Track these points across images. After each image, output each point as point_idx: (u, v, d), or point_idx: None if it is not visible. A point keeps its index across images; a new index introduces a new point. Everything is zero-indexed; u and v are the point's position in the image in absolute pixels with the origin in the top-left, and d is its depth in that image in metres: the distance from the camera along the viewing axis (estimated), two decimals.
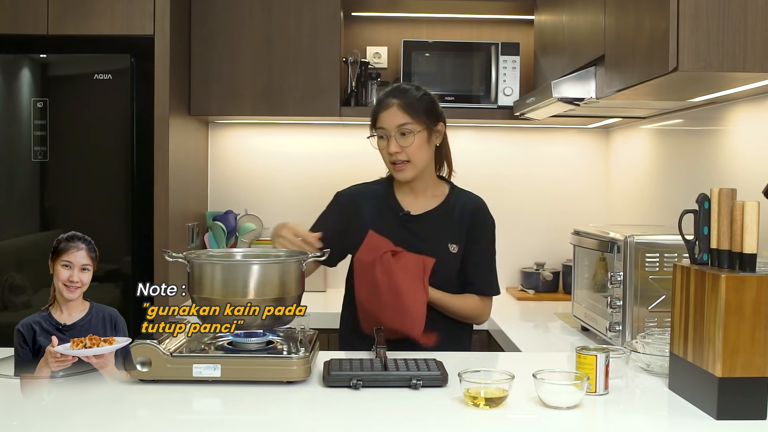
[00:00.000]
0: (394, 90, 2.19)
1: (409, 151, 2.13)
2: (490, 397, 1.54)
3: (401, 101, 2.14)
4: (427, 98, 2.19)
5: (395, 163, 2.14)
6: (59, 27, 2.86)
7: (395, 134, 2.12)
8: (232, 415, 1.55)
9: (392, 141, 2.13)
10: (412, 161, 2.14)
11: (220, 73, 3.21)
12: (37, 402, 1.62)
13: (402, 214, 2.20)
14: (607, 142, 3.62)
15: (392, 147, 2.13)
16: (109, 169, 2.92)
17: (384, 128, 2.14)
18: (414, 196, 2.23)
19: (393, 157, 2.14)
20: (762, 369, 1.50)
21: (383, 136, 2.15)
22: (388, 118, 2.13)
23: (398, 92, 2.17)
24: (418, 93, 2.18)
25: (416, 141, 2.13)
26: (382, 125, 2.15)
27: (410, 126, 2.12)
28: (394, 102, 2.14)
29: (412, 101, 2.14)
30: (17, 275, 2.89)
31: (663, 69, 1.81)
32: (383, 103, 2.16)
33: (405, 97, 2.15)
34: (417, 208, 2.21)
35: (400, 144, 2.12)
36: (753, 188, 1.94)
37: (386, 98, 2.16)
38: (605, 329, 2.28)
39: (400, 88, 2.20)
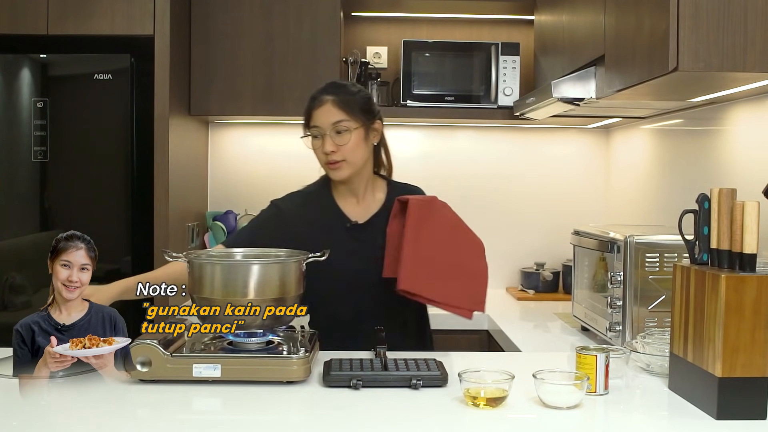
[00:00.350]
0: (328, 86, 2.11)
1: (345, 149, 2.05)
2: (490, 397, 1.54)
3: (336, 98, 2.06)
4: (364, 95, 2.12)
5: (330, 162, 2.07)
6: (59, 27, 2.86)
7: (330, 132, 2.05)
8: (232, 415, 1.56)
9: (327, 140, 2.05)
10: (348, 160, 2.06)
11: (220, 73, 3.20)
12: (37, 402, 1.62)
13: (349, 225, 2.12)
14: (607, 142, 3.62)
15: (327, 146, 2.05)
16: (109, 169, 2.92)
17: (318, 126, 2.06)
18: (355, 200, 2.16)
19: (328, 157, 2.06)
20: (762, 369, 1.50)
21: (317, 135, 2.07)
22: (323, 115, 2.05)
23: (333, 88, 2.09)
24: (354, 89, 2.12)
25: (353, 139, 2.05)
26: (316, 123, 2.07)
27: (346, 123, 2.05)
28: (329, 99, 2.06)
29: (347, 98, 2.07)
30: (17, 275, 2.89)
31: (663, 69, 1.81)
32: (317, 100, 2.07)
33: (340, 93, 2.07)
34: (362, 215, 2.14)
35: (336, 143, 2.05)
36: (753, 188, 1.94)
37: (320, 95, 2.08)
38: (605, 329, 2.28)
39: (335, 83, 2.13)
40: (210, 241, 3.41)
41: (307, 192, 2.23)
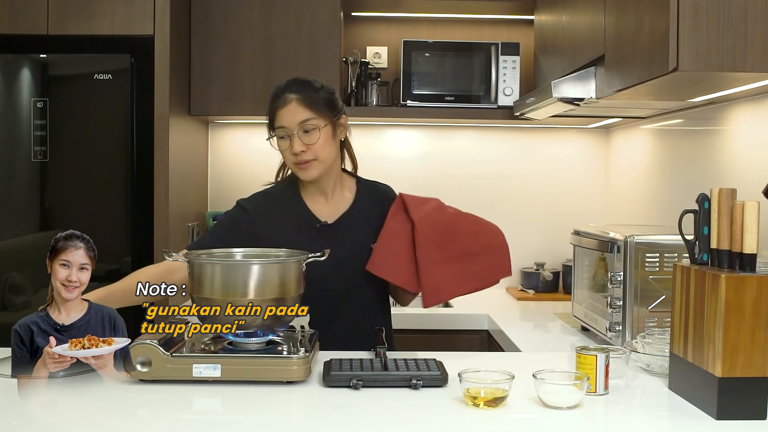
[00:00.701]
0: (290, 84, 2.04)
1: (314, 148, 2.00)
2: (490, 397, 1.54)
3: (300, 96, 2.00)
4: (328, 90, 2.07)
5: (300, 163, 2.02)
6: (59, 27, 2.86)
7: (298, 132, 1.99)
8: (232, 415, 1.56)
9: (295, 139, 1.99)
10: (318, 159, 2.01)
11: (220, 73, 3.20)
12: (37, 402, 1.62)
13: (319, 226, 2.08)
14: (607, 142, 3.62)
15: (296, 146, 1.99)
16: (109, 168, 2.92)
17: (285, 127, 2.00)
18: (324, 199, 2.12)
19: (298, 157, 2.00)
20: (762, 369, 1.50)
21: (284, 136, 2.02)
22: (288, 115, 2.00)
23: (295, 86, 2.03)
24: (317, 85, 2.05)
25: (321, 137, 2.00)
26: (282, 124, 2.01)
27: (313, 122, 2.00)
28: (293, 97, 2.00)
29: (312, 95, 2.01)
30: (17, 275, 2.89)
31: (663, 69, 1.81)
32: (281, 99, 2.01)
33: (303, 90, 2.01)
34: (331, 214, 2.11)
35: (305, 142, 1.99)
36: (753, 188, 1.94)
37: (283, 93, 2.02)
38: (605, 329, 2.28)
39: (297, 80, 2.05)
40: None
41: (273, 192, 2.17)
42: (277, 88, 2.07)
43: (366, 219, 2.11)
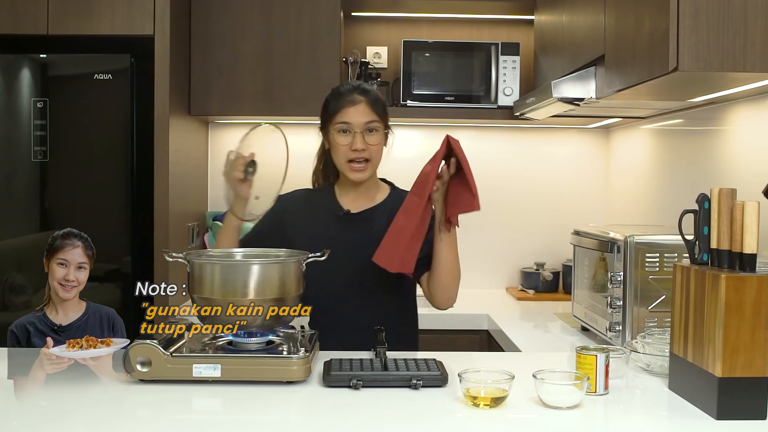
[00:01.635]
0: (358, 87, 2.14)
1: (372, 150, 2.10)
2: (490, 397, 1.54)
3: (368, 99, 2.10)
4: (384, 101, 2.18)
5: (355, 161, 2.09)
6: (59, 27, 2.86)
7: (362, 131, 2.08)
8: (232, 415, 1.55)
9: (358, 137, 2.08)
10: (372, 160, 2.11)
11: (220, 73, 3.21)
12: (36, 402, 1.62)
13: (342, 214, 2.16)
14: (607, 142, 3.62)
15: (359, 144, 2.07)
16: (109, 169, 2.92)
17: (350, 123, 2.08)
18: (355, 195, 2.19)
19: (356, 154, 2.08)
20: (762, 369, 1.50)
21: (346, 131, 2.09)
22: (357, 114, 2.08)
23: (363, 90, 2.13)
24: (379, 94, 2.17)
25: (380, 140, 2.11)
26: (347, 120, 2.09)
27: (376, 124, 2.10)
28: (362, 99, 2.10)
29: (378, 101, 2.13)
30: (17, 275, 2.89)
31: (663, 69, 1.81)
32: (349, 99, 2.10)
33: (371, 95, 2.12)
34: (357, 208, 2.18)
35: (367, 141, 2.08)
36: (753, 188, 1.94)
37: (351, 94, 2.11)
38: (605, 329, 2.28)
39: (362, 87, 2.15)
40: (210, 241, 3.41)
41: (311, 189, 2.28)
42: (342, 89, 2.15)
43: (388, 219, 2.12)
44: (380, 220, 2.12)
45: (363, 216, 2.16)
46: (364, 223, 2.15)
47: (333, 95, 2.16)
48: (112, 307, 2.88)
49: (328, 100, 2.16)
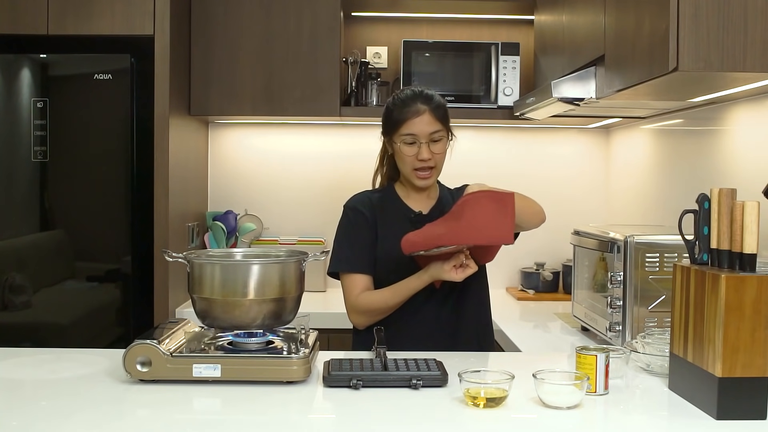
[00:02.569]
0: (420, 95, 2.14)
1: (437, 158, 2.14)
2: (490, 397, 1.54)
3: (431, 107, 2.12)
4: (446, 104, 2.20)
5: (421, 169, 2.13)
6: (59, 27, 2.86)
7: (427, 141, 2.11)
8: (232, 415, 1.56)
9: (424, 147, 2.11)
10: (437, 167, 2.16)
11: (220, 73, 3.20)
12: (37, 402, 1.62)
13: (413, 216, 2.19)
14: (607, 142, 3.62)
15: (425, 154, 2.11)
16: (109, 168, 2.92)
17: (415, 134, 2.11)
18: (417, 197, 2.23)
19: (423, 163, 2.12)
20: (762, 369, 1.50)
21: (412, 143, 2.12)
22: (422, 124, 2.11)
23: (426, 98, 2.13)
24: (441, 99, 2.18)
25: (444, 147, 2.16)
26: (412, 131, 2.11)
27: (441, 133, 2.14)
28: (425, 108, 2.11)
29: (440, 107, 2.14)
30: (17, 275, 2.89)
31: (663, 69, 1.81)
32: (413, 109, 2.11)
33: (433, 102, 2.13)
34: (424, 208, 2.22)
35: (433, 151, 2.12)
36: (753, 188, 1.94)
37: (415, 103, 2.12)
38: (605, 329, 2.28)
39: (425, 94, 2.15)
40: (210, 241, 3.41)
41: (370, 191, 2.29)
42: (406, 97, 2.15)
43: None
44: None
45: (431, 216, 2.19)
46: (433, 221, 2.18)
47: (396, 104, 2.16)
48: (112, 307, 2.90)
49: (391, 108, 2.17)
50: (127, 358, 1.68)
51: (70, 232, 2.93)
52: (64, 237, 2.92)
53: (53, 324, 2.89)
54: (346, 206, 2.24)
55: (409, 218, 2.19)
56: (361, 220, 2.19)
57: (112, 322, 2.90)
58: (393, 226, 2.17)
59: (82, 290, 2.91)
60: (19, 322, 2.88)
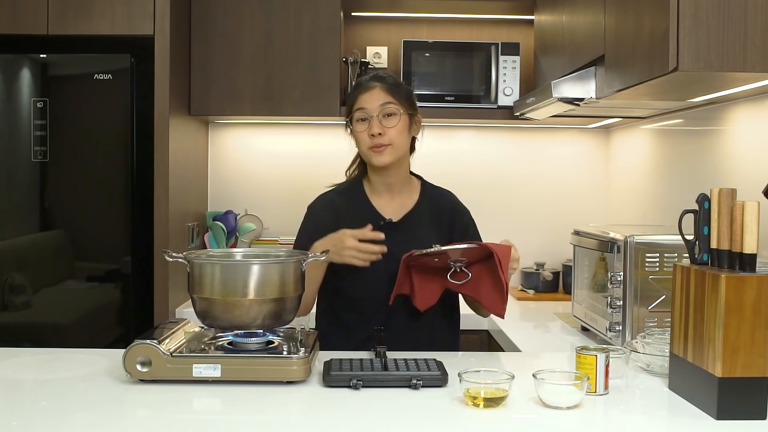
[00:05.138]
0: (374, 75, 2.14)
1: (391, 133, 2.06)
2: (490, 397, 1.54)
3: (384, 84, 2.09)
4: (408, 87, 2.17)
5: (375, 146, 2.06)
6: (59, 27, 2.86)
7: (378, 115, 2.06)
8: (232, 415, 1.55)
9: (374, 121, 2.05)
10: (393, 144, 2.07)
11: (220, 73, 3.20)
12: (37, 402, 1.62)
13: (383, 223, 2.12)
14: (607, 142, 3.62)
15: (375, 128, 2.05)
16: (109, 168, 2.91)
17: (365, 108, 2.07)
18: (390, 196, 2.17)
19: (375, 140, 2.05)
20: (762, 369, 1.50)
21: (365, 118, 2.07)
22: (371, 98, 2.07)
23: (379, 77, 2.12)
24: (398, 79, 2.17)
25: (399, 124, 2.07)
26: (363, 106, 2.07)
27: (393, 107, 2.07)
28: (377, 84, 2.09)
29: (394, 84, 2.11)
30: (17, 275, 2.89)
31: (663, 69, 1.81)
32: (364, 86, 2.10)
33: (387, 81, 2.11)
34: (396, 212, 2.16)
35: (384, 125, 2.06)
36: (753, 188, 1.95)
37: (367, 81, 2.11)
38: (605, 329, 2.28)
39: (379, 74, 2.15)
40: (210, 241, 3.41)
41: (338, 190, 2.24)
42: (361, 79, 2.17)
43: (427, 221, 2.17)
44: (419, 224, 2.14)
45: (403, 223, 2.14)
46: (404, 229, 2.13)
47: (353, 86, 2.17)
48: (112, 307, 2.90)
49: (349, 93, 2.16)
50: (127, 358, 1.68)
51: (70, 232, 2.93)
52: (64, 237, 2.92)
53: (53, 324, 2.89)
54: (308, 208, 2.21)
55: (379, 226, 2.08)
56: (318, 225, 2.12)
57: (112, 322, 2.90)
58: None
59: (82, 290, 2.91)
60: (19, 322, 2.88)
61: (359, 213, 2.14)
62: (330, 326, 2.16)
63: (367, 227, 1.99)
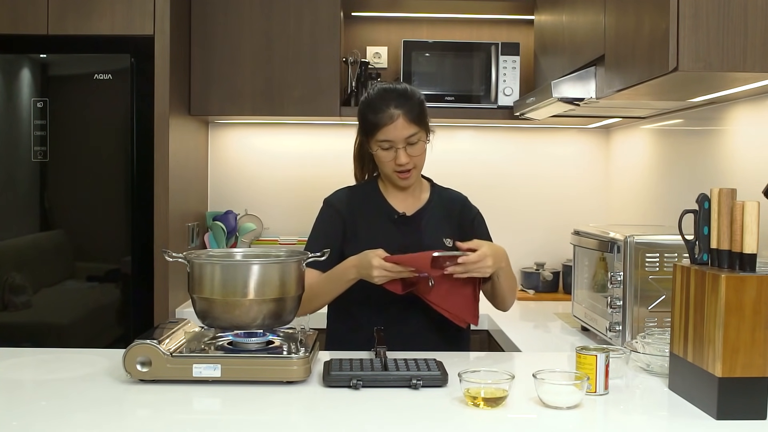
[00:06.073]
0: (389, 96, 2.08)
1: (416, 160, 2.11)
2: (490, 397, 1.54)
3: (405, 110, 2.06)
4: (422, 99, 2.14)
5: (401, 172, 2.11)
6: (59, 27, 2.86)
7: (403, 145, 2.07)
8: (232, 415, 1.55)
9: (401, 153, 2.07)
10: (417, 167, 2.13)
11: (220, 73, 3.20)
12: (37, 402, 1.62)
13: (397, 217, 2.17)
14: (607, 142, 3.62)
15: (403, 158, 2.08)
16: (109, 168, 2.91)
17: (391, 141, 2.07)
18: (403, 195, 2.21)
19: (401, 167, 2.09)
20: (762, 369, 1.50)
21: (389, 148, 2.08)
22: (396, 131, 2.06)
23: (397, 99, 2.07)
24: (415, 97, 2.11)
25: (422, 148, 2.11)
26: (388, 138, 2.06)
27: (417, 135, 2.08)
28: (399, 113, 2.05)
29: (414, 108, 2.08)
30: (17, 275, 2.89)
31: (663, 69, 1.81)
32: (386, 115, 2.05)
33: (407, 104, 2.07)
34: (408, 208, 2.20)
35: (410, 154, 2.08)
36: (753, 188, 1.95)
37: (388, 107, 2.06)
38: (605, 329, 2.28)
39: (396, 92, 2.09)
40: (210, 241, 3.41)
41: (354, 187, 2.28)
42: (379, 100, 2.09)
43: (437, 219, 2.20)
44: (431, 221, 2.18)
45: (415, 218, 2.19)
46: (416, 224, 2.18)
47: (369, 107, 2.11)
48: (112, 307, 2.90)
49: (364, 111, 2.12)
50: (127, 358, 1.68)
51: (70, 232, 2.93)
52: (64, 237, 2.92)
53: (53, 324, 2.89)
54: (324, 201, 2.24)
55: (393, 219, 2.17)
56: (335, 217, 2.17)
57: (112, 322, 2.90)
58: (374, 227, 2.16)
59: (82, 290, 2.91)
60: (19, 322, 2.88)
61: (373, 207, 2.19)
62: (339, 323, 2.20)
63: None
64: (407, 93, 2.11)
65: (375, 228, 2.15)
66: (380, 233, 2.13)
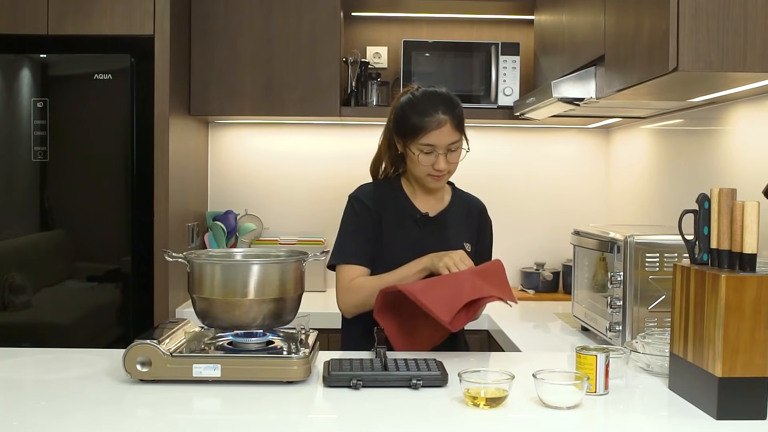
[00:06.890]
0: (438, 102, 2.09)
1: (453, 166, 2.13)
2: (490, 397, 1.54)
3: (452, 117, 2.08)
4: (461, 107, 2.15)
5: (435, 175, 2.12)
6: (59, 27, 2.86)
7: (444, 151, 2.09)
8: (232, 415, 1.55)
9: (441, 159, 2.09)
10: (451, 172, 2.16)
11: (220, 73, 3.20)
12: (37, 402, 1.62)
13: (419, 216, 2.19)
14: (607, 142, 3.62)
15: (442, 164, 2.09)
16: (109, 168, 2.91)
17: (434, 145, 2.08)
18: (426, 197, 2.23)
19: (438, 172, 2.11)
20: (762, 369, 1.50)
21: (431, 152, 2.09)
22: (442, 137, 2.07)
23: (447, 106, 2.08)
24: (459, 104, 2.14)
25: (460, 155, 2.14)
26: (432, 142, 2.07)
27: (458, 143, 2.11)
28: (447, 119, 2.07)
29: (459, 115, 2.10)
30: (17, 275, 2.89)
31: (663, 69, 1.81)
32: (435, 120, 2.06)
33: (454, 111, 2.09)
34: (431, 209, 2.22)
35: (449, 160, 2.11)
36: (753, 188, 1.95)
37: (437, 112, 2.07)
38: (605, 329, 2.28)
39: (445, 98, 2.11)
40: (210, 241, 3.41)
41: (377, 183, 2.28)
42: (427, 104, 2.10)
43: (457, 221, 2.24)
44: (452, 222, 2.22)
45: (438, 219, 2.21)
46: (439, 225, 2.21)
47: (415, 108, 2.11)
48: (112, 307, 2.90)
49: (408, 113, 2.11)
50: (127, 358, 1.68)
51: (70, 232, 2.92)
52: (64, 237, 2.92)
53: (53, 324, 2.89)
54: (351, 197, 2.23)
55: (415, 219, 2.19)
56: (365, 212, 2.18)
57: (112, 322, 2.90)
58: (397, 225, 2.18)
59: (82, 290, 2.91)
60: (19, 322, 2.88)
61: (397, 205, 2.21)
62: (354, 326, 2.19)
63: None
64: (453, 100, 2.14)
65: (398, 225, 2.17)
66: (403, 231, 2.16)
